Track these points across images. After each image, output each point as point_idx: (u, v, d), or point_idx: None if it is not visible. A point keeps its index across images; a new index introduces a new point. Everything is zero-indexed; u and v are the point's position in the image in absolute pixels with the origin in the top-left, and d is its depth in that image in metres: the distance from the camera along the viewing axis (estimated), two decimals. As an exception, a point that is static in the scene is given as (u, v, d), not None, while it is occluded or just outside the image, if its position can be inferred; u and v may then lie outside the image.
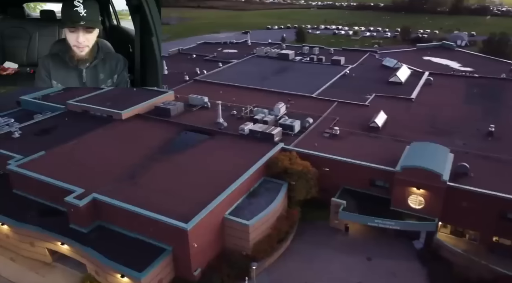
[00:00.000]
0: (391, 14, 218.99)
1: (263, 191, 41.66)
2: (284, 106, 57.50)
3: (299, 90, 67.59)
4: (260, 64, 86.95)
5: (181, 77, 75.42)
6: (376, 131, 51.46)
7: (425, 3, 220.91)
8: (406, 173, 38.51)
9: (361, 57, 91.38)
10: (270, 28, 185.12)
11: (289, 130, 50.80)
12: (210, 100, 61.64)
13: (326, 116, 56.53)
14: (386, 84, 70.92)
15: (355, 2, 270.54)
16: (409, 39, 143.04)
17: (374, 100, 62.70)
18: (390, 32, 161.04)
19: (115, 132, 51.54)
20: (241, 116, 56.75)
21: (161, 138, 49.90)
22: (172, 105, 58.17)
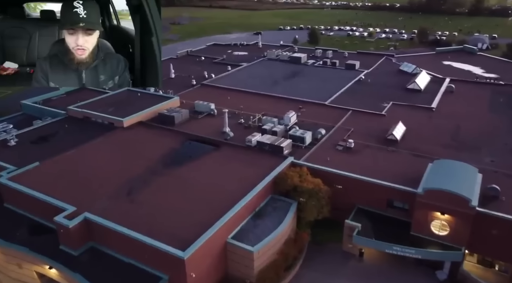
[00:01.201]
0: (407, 14, 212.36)
1: (270, 210, 38.30)
2: (294, 115, 53.98)
3: (311, 96, 63.98)
4: (270, 67, 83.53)
5: (189, 81, 72.53)
6: (394, 144, 47.59)
7: (443, 3, 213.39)
8: (430, 196, 34.68)
9: (377, 62, 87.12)
10: (282, 29, 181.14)
11: (300, 142, 47.32)
12: (217, 107, 58.55)
13: (339, 127, 52.84)
14: (404, 92, 66.75)
15: (369, 2, 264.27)
16: (427, 42, 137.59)
17: (391, 109, 58.70)
18: (407, 34, 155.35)
19: (115, 142, 48.77)
20: (249, 125, 53.47)
21: (163, 148, 46.95)
22: (176, 112, 55.21)
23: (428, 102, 60.94)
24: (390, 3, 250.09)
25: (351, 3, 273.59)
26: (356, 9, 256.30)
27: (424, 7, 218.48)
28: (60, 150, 45.05)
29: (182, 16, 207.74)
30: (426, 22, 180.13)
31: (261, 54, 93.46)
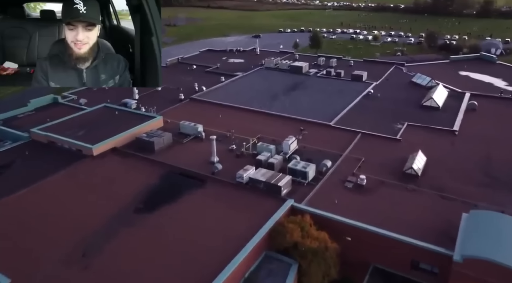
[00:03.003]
0: (412, 16, 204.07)
1: (263, 275, 30.38)
2: (294, 141, 46.02)
3: (314, 115, 56.06)
4: (268, 78, 75.51)
5: (176, 95, 64.53)
6: (414, 180, 39.66)
7: (450, 4, 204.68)
8: (471, 266, 26.78)
9: (386, 71, 78.97)
10: (282, 31, 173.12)
11: (301, 178, 39.41)
12: (206, 128, 50.71)
13: (348, 155, 44.89)
14: (419, 109, 58.74)
15: (373, 3, 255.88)
16: (436, 46, 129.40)
17: (407, 132, 50.67)
18: (414, 37, 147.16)
19: (80, 177, 40.82)
20: (242, 153, 45.58)
21: (137, 185, 39.05)
22: (157, 136, 47.26)
23: (449, 123, 52.92)
24: (394, 3, 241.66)
25: (353, 4, 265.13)
26: (359, 10, 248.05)
27: (429, 8, 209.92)
28: (9, 190, 37.13)
29: (178, 17, 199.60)
30: (432, 24, 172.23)
31: (259, 62, 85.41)
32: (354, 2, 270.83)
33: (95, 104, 58.83)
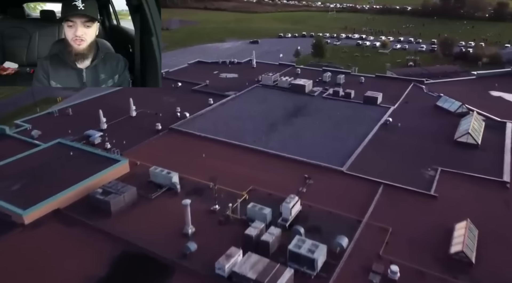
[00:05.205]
0: (420, 19, 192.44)
1: None
2: (297, 202, 34.47)
3: (321, 154, 44.74)
4: (265, 100, 63.92)
5: (154, 123, 52.99)
6: (466, 271, 28.19)
7: (461, 7, 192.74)
8: None
9: (404, 90, 67.33)
10: (282, 36, 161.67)
11: (307, 268, 27.94)
12: (183, 176, 39.50)
13: (369, 222, 33.40)
14: (452, 146, 47.17)
15: (378, 5, 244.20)
16: (451, 54, 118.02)
17: (442, 183, 39.11)
18: (425, 44, 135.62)
19: None
20: (226, 218, 34.14)
21: (76, 277, 27.60)
22: (116, 192, 35.71)
23: (495, 168, 41.39)
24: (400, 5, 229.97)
25: (357, 6, 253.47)
26: (363, 12, 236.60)
27: (439, 11, 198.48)
28: None
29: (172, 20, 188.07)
30: (442, 29, 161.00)
31: (255, 78, 73.84)
32: (358, 3, 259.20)
33: (51, 137, 47.64)
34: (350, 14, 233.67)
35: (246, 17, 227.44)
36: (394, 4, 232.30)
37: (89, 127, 51.65)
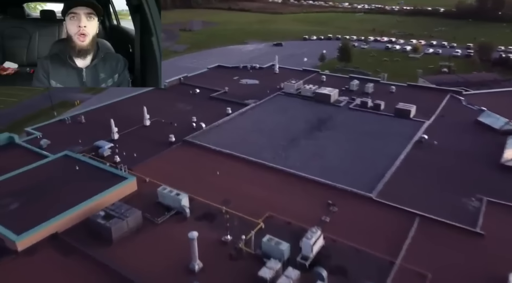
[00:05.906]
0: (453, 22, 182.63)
1: None
2: (320, 237, 30.16)
3: (347, 176, 40.24)
4: (287, 110, 59.71)
5: (167, 134, 49.86)
6: None
7: (499, 8, 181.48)
8: None
9: (439, 102, 61.53)
10: (307, 38, 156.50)
11: (330, 324, 23.65)
12: (194, 197, 36.08)
13: (403, 265, 28.71)
14: (498, 171, 41.58)
15: (408, 6, 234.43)
16: (489, 61, 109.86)
17: (489, 217, 33.79)
18: (460, 48, 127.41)
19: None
20: (239, 251, 30.31)
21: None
22: (118, 217, 32.49)
23: (550, 201, 35.68)
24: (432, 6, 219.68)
25: (386, 7, 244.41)
26: (392, 14, 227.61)
27: (474, 12, 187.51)
28: None
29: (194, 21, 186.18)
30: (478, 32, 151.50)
31: (277, 85, 69.73)
32: (387, 4, 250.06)
33: (60, 147, 45.44)
34: (378, 15, 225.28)
35: (270, 19, 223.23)
36: (426, 5, 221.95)
37: (100, 137, 49.02)
